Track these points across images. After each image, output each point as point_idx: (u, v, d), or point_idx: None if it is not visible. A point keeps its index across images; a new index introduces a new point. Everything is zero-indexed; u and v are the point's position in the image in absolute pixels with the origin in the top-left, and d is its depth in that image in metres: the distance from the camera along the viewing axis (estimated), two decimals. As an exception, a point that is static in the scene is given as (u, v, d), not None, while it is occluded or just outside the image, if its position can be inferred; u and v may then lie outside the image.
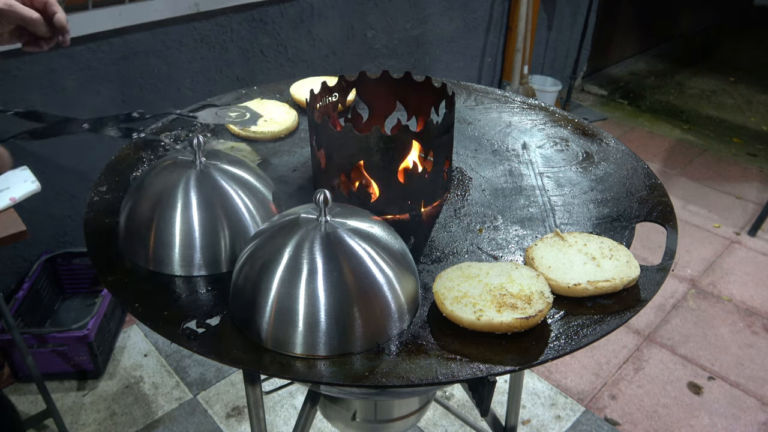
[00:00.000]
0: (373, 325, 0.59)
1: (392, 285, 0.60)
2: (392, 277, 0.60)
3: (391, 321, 0.60)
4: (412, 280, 0.63)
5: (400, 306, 0.61)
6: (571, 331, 0.62)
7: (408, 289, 0.62)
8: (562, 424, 1.64)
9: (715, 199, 2.71)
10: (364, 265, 0.59)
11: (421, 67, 2.70)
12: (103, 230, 0.78)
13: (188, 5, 1.79)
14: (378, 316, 0.59)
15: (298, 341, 0.58)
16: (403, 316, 0.61)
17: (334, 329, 0.57)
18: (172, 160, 0.72)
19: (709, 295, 2.12)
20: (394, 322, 0.61)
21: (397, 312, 0.61)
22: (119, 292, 0.68)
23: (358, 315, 0.58)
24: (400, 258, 0.62)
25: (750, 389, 1.75)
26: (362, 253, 0.59)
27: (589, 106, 3.64)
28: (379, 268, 0.59)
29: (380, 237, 0.62)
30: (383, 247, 0.61)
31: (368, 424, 1.00)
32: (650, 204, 0.85)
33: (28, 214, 1.69)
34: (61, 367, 1.69)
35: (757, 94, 3.83)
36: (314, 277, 0.57)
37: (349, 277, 0.58)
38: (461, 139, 1.03)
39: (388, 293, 0.60)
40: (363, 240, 0.60)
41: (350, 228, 0.61)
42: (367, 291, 0.59)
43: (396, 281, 0.60)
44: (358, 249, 0.59)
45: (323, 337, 0.58)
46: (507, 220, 0.82)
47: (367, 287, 0.59)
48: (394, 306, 0.60)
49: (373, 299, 0.59)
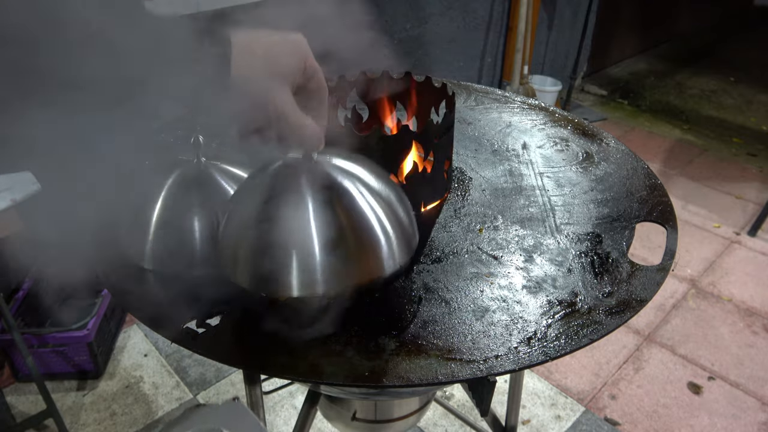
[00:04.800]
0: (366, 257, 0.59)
1: (380, 219, 0.59)
2: (380, 212, 0.59)
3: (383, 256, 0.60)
4: (401, 215, 0.63)
5: (389, 240, 0.60)
6: (571, 331, 0.62)
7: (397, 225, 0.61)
8: (562, 424, 1.64)
9: (715, 199, 2.71)
10: (350, 197, 0.58)
11: (421, 67, 2.70)
12: (103, 230, 0.77)
13: (188, 5, 1.79)
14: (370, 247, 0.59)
15: (293, 281, 0.57)
16: (393, 252, 0.61)
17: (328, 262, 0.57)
18: (172, 159, 0.72)
19: (709, 295, 2.12)
20: (386, 258, 0.60)
21: (386, 246, 0.60)
22: (119, 292, 0.68)
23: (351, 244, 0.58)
24: (386, 195, 0.62)
25: (750, 389, 1.75)
26: (349, 186, 0.59)
27: (589, 106, 3.64)
28: (366, 202, 0.59)
29: (364, 174, 0.61)
30: (367, 183, 0.60)
31: (368, 424, 1.00)
32: (650, 204, 0.85)
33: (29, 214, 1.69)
34: (61, 367, 1.69)
35: (757, 94, 3.83)
36: (304, 210, 0.56)
37: (338, 208, 0.57)
38: (461, 139, 1.03)
39: (377, 226, 0.59)
40: (348, 176, 0.60)
41: (335, 165, 0.60)
42: (356, 220, 0.58)
43: (384, 216, 0.60)
44: (345, 182, 0.59)
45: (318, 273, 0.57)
46: (507, 220, 0.82)
47: (356, 216, 0.58)
48: (383, 239, 0.59)
49: (363, 230, 0.58)
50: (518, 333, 0.62)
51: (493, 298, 0.67)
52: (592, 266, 0.72)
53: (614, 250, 0.75)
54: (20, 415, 1.59)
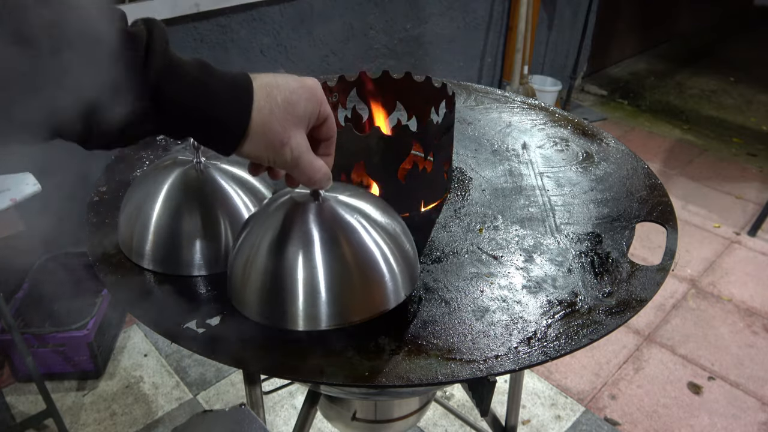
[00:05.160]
0: (371, 293, 0.60)
1: (384, 255, 0.60)
2: (384, 248, 0.60)
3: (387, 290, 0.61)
4: (406, 250, 0.64)
5: (393, 275, 0.61)
6: (571, 331, 0.62)
7: (402, 260, 0.62)
8: (562, 424, 1.64)
9: (715, 199, 2.71)
10: (356, 233, 0.59)
11: (421, 67, 2.70)
12: (103, 230, 0.78)
13: (188, 5, 1.79)
14: (374, 284, 0.60)
15: (299, 315, 0.58)
16: (397, 286, 0.62)
17: (333, 298, 0.58)
18: (172, 159, 0.72)
19: (709, 295, 2.12)
20: (390, 292, 0.61)
21: (391, 281, 0.61)
22: (119, 292, 0.68)
23: (357, 282, 0.59)
24: (392, 230, 0.63)
25: (750, 389, 1.75)
26: (354, 223, 0.60)
27: (589, 106, 3.64)
28: (371, 238, 0.60)
29: (370, 209, 0.62)
30: (373, 219, 0.61)
31: (368, 424, 1.00)
32: (650, 204, 0.85)
33: (29, 214, 1.69)
34: (61, 367, 1.69)
35: (757, 94, 3.83)
36: (311, 248, 0.57)
37: (345, 246, 0.58)
38: (461, 139, 1.03)
39: (382, 263, 0.60)
40: (355, 212, 0.61)
41: (342, 201, 0.61)
42: (362, 258, 0.59)
43: (389, 251, 0.61)
44: (351, 220, 0.60)
45: (323, 307, 0.58)
46: (507, 220, 0.82)
47: (362, 254, 0.59)
48: (387, 275, 0.60)
49: (369, 267, 0.59)
50: (518, 333, 0.62)
51: (493, 298, 0.67)
52: (592, 266, 0.72)
53: (614, 250, 0.75)
54: (20, 415, 1.59)
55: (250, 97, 0.49)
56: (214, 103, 0.48)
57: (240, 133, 0.49)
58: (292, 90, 0.51)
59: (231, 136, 0.49)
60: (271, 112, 0.50)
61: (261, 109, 0.49)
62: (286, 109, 0.51)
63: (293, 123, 0.52)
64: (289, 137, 0.51)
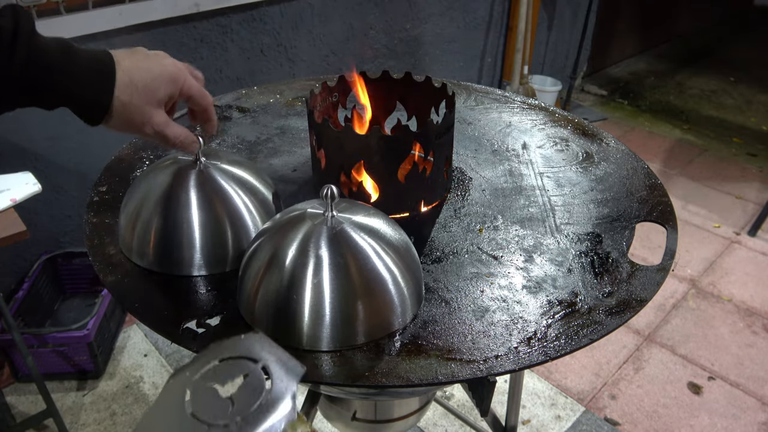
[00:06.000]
0: (376, 319, 0.60)
1: (396, 280, 0.60)
2: (396, 273, 0.60)
3: (395, 316, 0.61)
4: (416, 275, 0.64)
5: (403, 301, 0.61)
6: (571, 331, 0.62)
7: (411, 284, 0.62)
8: (562, 424, 1.64)
9: (715, 199, 2.71)
10: (369, 260, 0.59)
11: (421, 67, 2.70)
12: (103, 230, 0.78)
13: (188, 5, 1.79)
14: (381, 310, 0.60)
15: (303, 335, 0.58)
16: (405, 311, 0.62)
17: (338, 323, 0.58)
18: (172, 159, 0.72)
19: (709, 295, 2.12)
20: (397, 317, 0.61)
21: (400, 307, 0.61)
22: (119, 292, 0.68)
23: (362, 309, 0.59)
24: (404, 253, 0.63)
25: (750, 389, 1.75)
26: (367, 248, 0.60)
27: (589, 106, 3.64)
28: (383, 263, 0.60)
29: (385, 232, 0.63)
30: (388, 242, 0.61)
31: (368, 424, 1.00)
32: (650, 204, 0.85)
33: (29, 214, 1.69)
34: (61, 367, 1.69)
35: (757, 94, 3.83)
36: (320, 271, 0.57)
37: (355, 272, 0.58)
38: (461, 139, 1.03)
39: (392, 288, 0.60)
40: (368, 235, 0.61)
41: (356, 223, 0.61)
42: (372, 286, 0.59)
43: (400, 276, 0.61)
44: (364, 244, 0.60)
45: (327, 330, 0.58)
46: (507, 220, 0.82)
47: (372, 282, 0.59)
48: (397, 301, 0.61)
49: (378, 294, 0.59)
50: (518, 333, 0.62)
51: (493, 298, 0.67)
52: (592, 266, 0.72)
53: (614, 250, 0.75)
54: (20, 415, 1.59)
55: (112, 83, 0.56)
56: (77, 86, 0.55)
57: (101, 112, 0.57)
58: (154, 76, 0.59)
59: (95, 113, 0.57)
60: (131, 97, 0.57)
61: (122, 93, 0.57)
62: (146, 94, 0.58)
63: (153, 105, 0.60)
64: (150, 116, 0.60)
